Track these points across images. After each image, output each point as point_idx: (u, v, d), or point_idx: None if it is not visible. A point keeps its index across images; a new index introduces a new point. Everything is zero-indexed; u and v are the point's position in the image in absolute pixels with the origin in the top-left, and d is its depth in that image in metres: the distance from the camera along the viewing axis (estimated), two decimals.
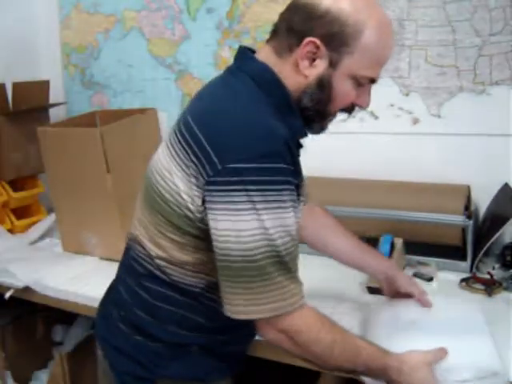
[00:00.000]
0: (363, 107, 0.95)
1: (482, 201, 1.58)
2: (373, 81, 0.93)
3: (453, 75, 1.60)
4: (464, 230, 1.48)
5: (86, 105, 2.29)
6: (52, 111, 2.14)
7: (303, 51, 0.87)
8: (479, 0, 1.54)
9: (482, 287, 1.36)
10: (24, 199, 2.04)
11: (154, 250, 0.93)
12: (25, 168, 2.02)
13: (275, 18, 1.85)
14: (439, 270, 1.49)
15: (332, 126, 1.84)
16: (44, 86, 2.08)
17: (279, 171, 0.80)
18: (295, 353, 0.89)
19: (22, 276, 1.54)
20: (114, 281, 1.09)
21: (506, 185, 1.51)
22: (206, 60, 2.01)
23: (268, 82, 0.88)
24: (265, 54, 0.91)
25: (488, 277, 1.40)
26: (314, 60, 0.87)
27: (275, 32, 0.91)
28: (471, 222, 1.46)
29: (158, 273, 0.93)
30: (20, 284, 1.52)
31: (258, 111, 0.86)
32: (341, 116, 0.99)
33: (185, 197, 0.84)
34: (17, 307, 1.65)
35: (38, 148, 1.77)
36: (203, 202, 0.82)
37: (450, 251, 1.53)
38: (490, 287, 1.34)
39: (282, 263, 0.81)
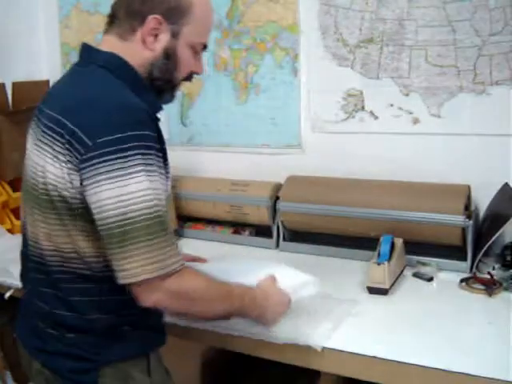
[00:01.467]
0: (200, 73, 1.08)
1: (482, 201, 1.58)
2: (205, 47, 1.07)
3: (453, 75, 1.60)
4: (464, 230, 1.48)
5: None
6: None
7: (148, 28, 0.98)
8: (479, 0, 1.54)
9: (482, 287, 1.36)
10: None
11: (55, 246, 0.96)
12: None
13: (275, 17, 1.86)
14: (439, 270, 1.49)
15: (332, 126, 1.85)
16: (44, 86, 2.08)
17: (142, 137, 0.87)
18: (182, 310, 0.97)
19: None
20: (25, 294, 1.09)
21: (506, 185, 1.51)
22: (206, 60, 2.01)
23: (117, 66, 0.98)
24: (109, 43, 1.02)
25: (488, 277, 1.40)
26: (156, 35, 0.99)
27: (112, 21, 1.03)
28: (471, 222, 1.46)
29: (65, 269, 0.96)
30: (20, 284, 1.52)
31: (115, 90, 0.95)
32: (341, 116, 0.99)
33: (64, 182, 0.90)
34: (17, 307, 1.65)
35: None
36: (81, 182, 0.88)
37: (450, 251, 1.53)
38: (490, 287, 1.34)
39: (162, 222, 0.87)
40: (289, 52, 1.85)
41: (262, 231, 1.82)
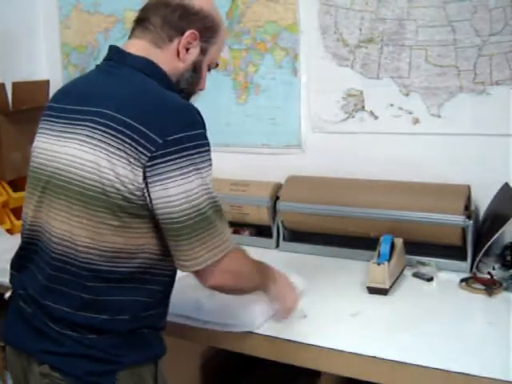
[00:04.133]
0: (203, 89, 1.15)
1: (482, 201, 1.58)
2: (217, 66, 1.15)
3: (453, 75, 1.60)
4: (464, 230, 1.48)
5: None
6: None
7: (184, 41, 1.04)
8: (479, 0, 1.54)
9: (482, 287, 1.35)
10: (24, 199, 2.04)
11: (96, 244, 0.94)
12: (25, 168, 1.98)
13: (275, 17, 1.86)
14: (439, 270, 1.49)
15: (332, 126, 1.84)
16: (44, 85, 2.08)
17: (203, 136, 0.96)
18: (238, 286, 1.04)
19: None
20: (24, 296, 1.03)
21: (506, 185, 1.51)
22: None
23: (154, 72, 1.02)
24: (141, 48, 1.04)
25: (488, 277, 1.40)
26: (188, 49, 1.06)
27: (145, 27, 1.05)
28: (471, 222, 1.46)
29: (100, 268, 0.94)
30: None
31: (167, 92, 1.00)
32: (341, 116, 1.00)
33: (123, 179, 0.91)
34: None
35: None
36: (144, 178, 0.90)
37: (450, 251, 1.53)
38: (490, 287, 1.34)
39: (220, 211, 0.96)
40: (289, 52, 1.85)
41: (262, 231, 1.81)
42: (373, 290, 1.35)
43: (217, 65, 1.15)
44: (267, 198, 1.75)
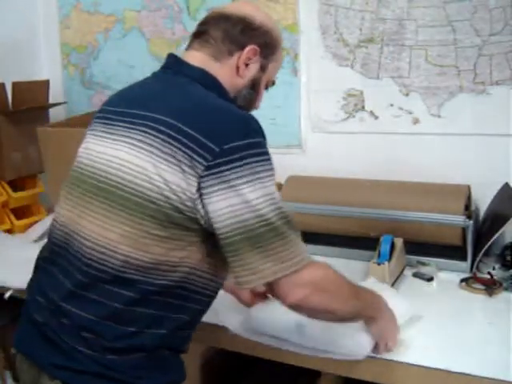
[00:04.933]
0: (257, 108, 1.12)
1: (482, 201, 1.58)
2: (273, 84, 1.13)
3: (453, 75, 1.60)
4: (464, 230, 1.48)
5: (85, 105, 2.29)
6: (52, 111, 2.14)
7: (245, 56, 1.02)
8: (479, 0, 1.54)
9: (482, 287, 1.36)
10: (24, 199, 2.04)
11: (131, 253, 0.89)
12: (25, 168, 2.02)
13: (275, 17, 1.86)
14: (439, 270, 1.49)
15: (332, 126, 1.85)
16: (44, 85, 2.08)
17: (263, 144, 0.92)
18: (325, 306, 0.92)
19: (21, 276, 1.54)
20: (40, 305, 0.97)
21: (506, 185, 1.51)
22: None
23: (212, 84, 1.00)
24: (200, 60, 1.02)
25: (488, 277, 1.40)
26: (248, 65, 1.03)
27: (203, 39, 1.03)
28: (471, 222, 1.46)
29: (133, 277, 0.90)
30: (19, 284, 1.52)
31: (225, 102, 0.96)
32: (341, 116, 1.00)
33: (174, 187, 0.87)
34: (17, 307, 1.65)
35: (37, 148, 1.77)
36: (198, 189, 0.86)
37: (450, 251, 1.52)
38: (490, 287, 1.34)
39: (290, 222, 0.89)
40: (289, 52, 1.85)
41: None
42: None
43: (273, 83, 1.13)
44: None
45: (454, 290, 1.38)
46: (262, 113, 1.92)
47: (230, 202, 0.85)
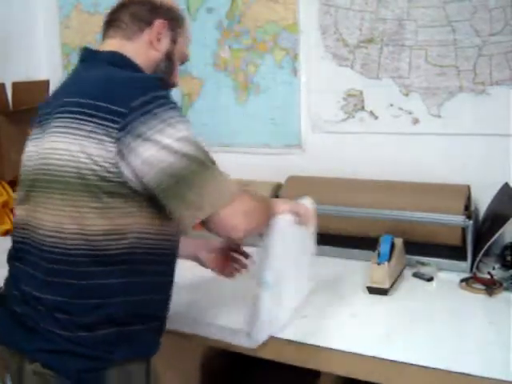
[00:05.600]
0: (177, 85, 1.18)
1: (482, 201, 1.59)
2: (187, 60, 1.21)
3: (453, 75, 1.60)
4: (464, 230, 1.48)
5: None
6: None
7: (155, 30, 1.10)
8: (479, 0, 1.54)
9: (482, 287, 1.35)
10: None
11: (81, 229, 0.95)
12: None
13: (275, 17, 1.86)
14: (439, 270, 1.49)
15: (332, 126, 1.85)
16: (44, 85, 2.08)
17: (167, 96, 0.97)
18: (260, 224, 1.05)
19: None
20: (15, 296, 1.03)
21: (506, 185, 1.51)
22: (206, 60, 2.01)
23: (123, 62, 1.06)
24: (113, 45, 1.10)
25: (488, 277, 1.40)
26: (159, 39, 1.11)
27: (117, 25, 1.12)
28: (471, 222, 1.46)
29: (86, 252, 0.96)
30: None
31: (130, 72, 1.04)
32: (341, 116, 1.00)
33: (97, 159, 0.93)
34: None
35: None
36: (118, 151, 0.92)
37: (450, 251, 1.52)
38: (490, 287, 1.34)
39: (210, 159, 0.96)
40: (289, 52, 1.85)
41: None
42: (373, 290, 1.35)
43: (187, 58, 1.21)
44: None
45: (454, 289, 1.38)
46: (262, 113, 1.94)
47: (151, 153, 0.91)
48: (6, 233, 1.97)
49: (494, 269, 1.44)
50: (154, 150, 0.91)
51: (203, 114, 2.05)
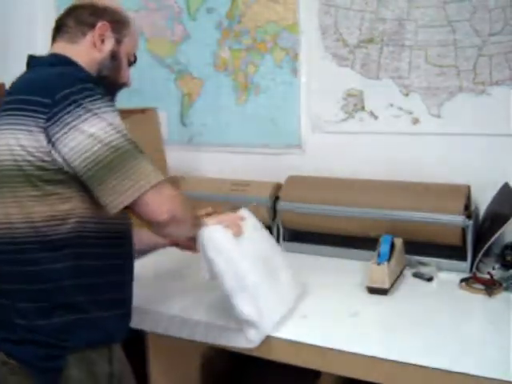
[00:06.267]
0: (128, 85, 1.24)
1: (482, 201, 1.58)
2: (135, 60, 1.24)
3: (453, 75, 1.60)
4: (464, 230, 1.48)
5: None
6: None
7: (97, 32, 1.14)
8: (479, 0, 1.54)
9: (482, 287, 1.35)
10: None
11: (27, 217, 0.99)
12: None
13: (275, 17, 1.86)
14: (439, 270, 1.49)
15: (332, 126, 1.85)
16: None
17: (93, 88, 0.99)
18: (185, 216, 1.05)
19: None
20: None
21: (506, 185, 1.51)
22: (206, 60, 2.01)
23: (63, 62, 1.09)
24: (59, 48, 1.14)
25: (488, 277, 1.40)
26: (103, 40, 1.15)
27: (62, 30, 1.16)
28: (471, 222, 1.46)
29: (32, 239, 0.99)
30: None
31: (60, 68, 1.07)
32: (341, 116, 1.00)
33: (30, 150, 0.97)
34: None
35: None
36: (49, 141, 0.96)
37: (450, 251, 1.53)
38: (490, 287, 1.34)
39: (136, 145, 0.99)
40: (289, 52, 1.85)
41: None
42: (373, 290, 1.35)
43: (135, 59, 1.24)
44: (267, 198, 1.75)
45: (454, 290, 1.38)
46: (262, 113, 1.94)
47: (77, 141, 0.95)
48: None
49: (493, 269, 1.44)
50: (79, 139, 0.95)
51: (203, 113, 2.05)
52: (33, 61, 1.15)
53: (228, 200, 1.80)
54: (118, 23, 1.18)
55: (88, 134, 0.95)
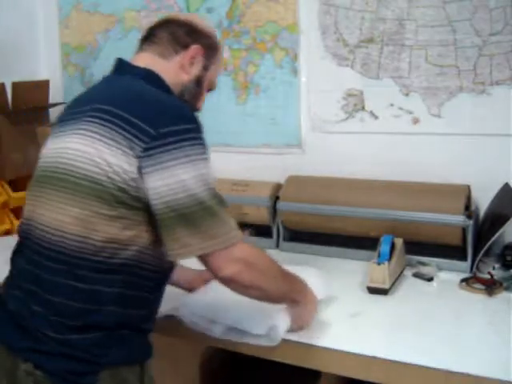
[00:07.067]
0: (200, 110, 1.20)
1: (482, 201, 1.58)
2: (214, 89, 1.23)
3: (453, 75, 1.60)
4: (464, 230, 1.48)
5: None
6: (52, 111, 2.14)
7: (189, 54, 1.12)
8: (479, 0, 1.54)
9: (482, 287, 1.35)
10: (24, 199, 2.02)
11: (82, 233, 0.96)
12: (25, 168, 2.02)
13: (275, 17, 1.86)
14: (439, 270, 1.49)
15: (332, 126, 1.85)
16: (44, 85, 2.09)
17: (197, 130, 0.98)
18: (255, 282, 0.99)
19: None
20: (13, 292, 1.04)
21: (506, 185, 1.51)
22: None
23: (154, 79, 1.07)
24: (146, 60, 1.11)
25: (488, 277, 1.40)
26: (192, 63, 1.13)
27: (152, 40, 1.14)
28: (471, 221, 1.46)
29: (87, 256, 0.96)
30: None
31: (163, 93, 1.05)
32: (341, 116, 1.00)
33: (117, 169, 0.94)
34: None
35: (37, 148, 1.76)
36: (139, 169, 0.93)
37: (450, 251, 1.53)
38: (490, 287, 1.34)
39: (221, 202, 0.96)
40: (289, 52, 1.85)
41: (261, 231, 1.81)
42: (373, 290, 1.35)
43: (214, 87, 1.23)
44: (267, 198, 1.75)
45: (454, 290, 1.38)
46: (262, 113, 1.94)
47: (165, 182, 0.92)
48: (6, 233, 1.97)
49: (494, 269, 1.44)
50: (168, 182, 0.92)
51: (203, 113, 2.03)
52: (124, 67, 1.12)
53: (228, 200, 1.80)
54: (210, 49, 1.16)
55: (178, 179, 0.92)
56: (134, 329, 1.02)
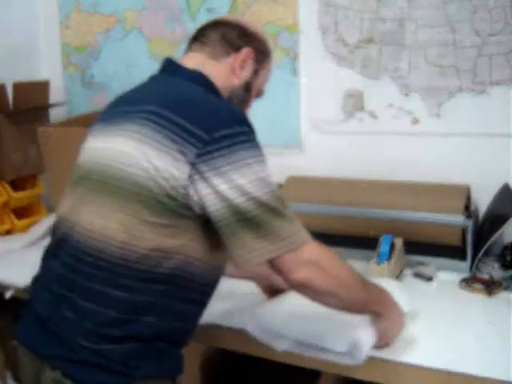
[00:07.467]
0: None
1: (482, 201, 1.58)
2: (261, 95, 1.19)
3: (453, 75, 1.60)
4: (464, 230, 1.48)
5: (86, 105, 2.29)
6: (52, 111, 2.14)
7: (240, 57, 1.09)
8: (479, 0, 1.54)
9: (482, 287, 1.36)
10: (24, 199, 2.04)
11: (126, 239, 0.91)
12: (25, 168, 2.02)
13: (275, 17, 1.86)
14: (439, 270, 1.49)
15: (332, 126, 1.85)
16: (44, 85, 2.08)
17: (250, 132, 0.94)
18: (330, 287, 0.94)
19: (22, 276, 1.54)
20: (43, 297, 0.99)
21: (506, 185, 1.51)
22: None
23: (205, 83, 1.04)
24: (196, 60, 1.08)
25: (488, 277, 1.40)
26: (242, 67, 1.10)
27: (203, 41, 1.10)
28: (471, 222, 1.46)
29: (129, 264, 0.91)
30: (20, 284, 1.52)
31: (213, 96, 1.02)
32: (340, 116, 1.01)
33: (166, 175, 0.89)
34: (17, 307, 1.65)
35: (37, 148, 1.77)
36: (190, 175, 0.89)
37: (450, 251, 1.53)
38: (490, 287, 1.34)
39: (284, 202, 0.93)
40: (289, 52, 1.85)
41: None
42: None
43: (262, 92, 1.19)
44: None
45: (454, 289, 1.38)
46: (262, 113, 1.93)
47: (221, 188, 0.88)
48: (6, 233, 1.97)
49: (493, 269, 1.45)
50: (225, 187, 0.88)
51: None
52: (173, 68, 1.09)
53: None
54: (261, 53, 1.13)
55: (235, 183, 0.88)
56: (171, 342, 0.97)
